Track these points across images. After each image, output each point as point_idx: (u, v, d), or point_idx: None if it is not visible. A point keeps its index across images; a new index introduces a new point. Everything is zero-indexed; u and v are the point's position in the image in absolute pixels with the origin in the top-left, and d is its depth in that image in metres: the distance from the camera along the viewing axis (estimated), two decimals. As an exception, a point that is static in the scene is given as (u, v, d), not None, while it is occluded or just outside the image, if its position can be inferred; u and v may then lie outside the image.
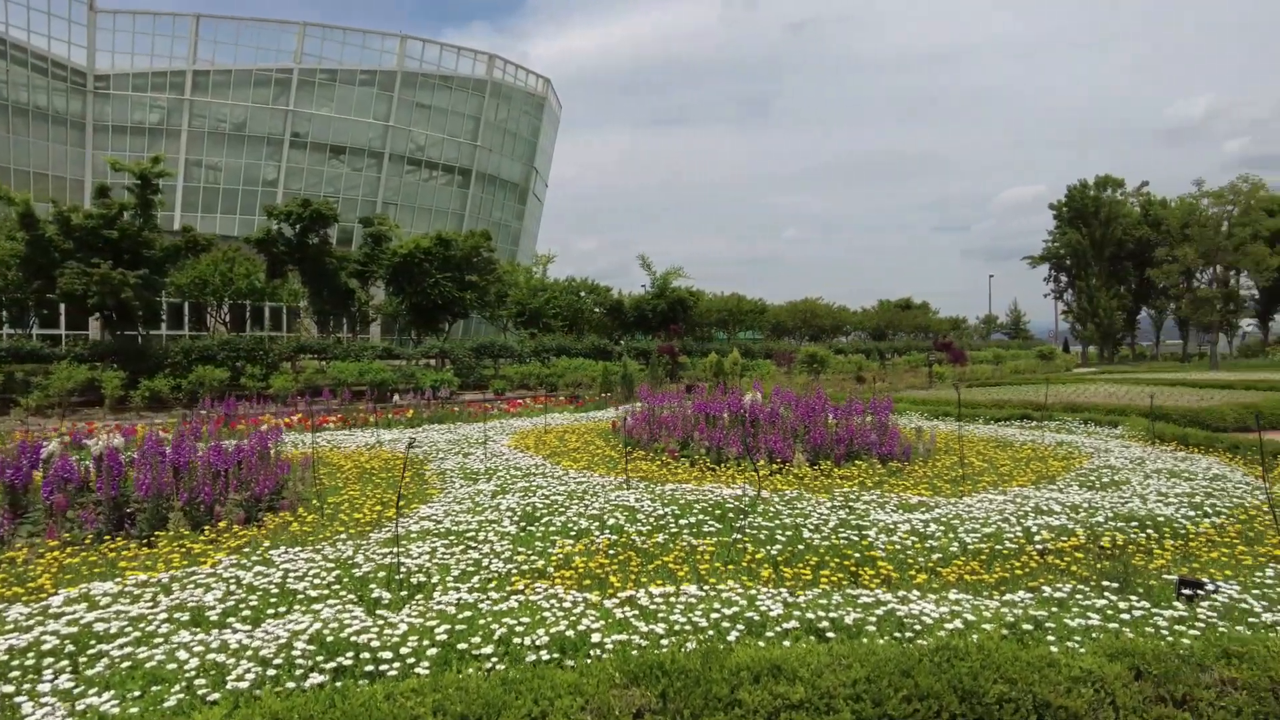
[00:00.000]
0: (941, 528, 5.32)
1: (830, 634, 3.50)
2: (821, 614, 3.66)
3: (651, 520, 5.76)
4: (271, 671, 3.17)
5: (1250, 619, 3.55)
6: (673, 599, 3.95)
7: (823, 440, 8.74)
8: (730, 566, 4.82)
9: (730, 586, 4.18)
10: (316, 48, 52.20)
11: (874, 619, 3.62)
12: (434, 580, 4.57)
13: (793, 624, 3.60)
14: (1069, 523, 5.36)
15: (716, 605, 3.79)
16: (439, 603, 4.05)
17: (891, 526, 5.38)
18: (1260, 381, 22.24)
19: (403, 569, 4.72)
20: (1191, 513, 5.73)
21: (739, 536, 5.33)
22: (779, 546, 5.08)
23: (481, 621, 3.69)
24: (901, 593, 4.01)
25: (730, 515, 5.87)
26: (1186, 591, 3.99)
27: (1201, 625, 3.42)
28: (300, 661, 3.24)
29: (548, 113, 66.30)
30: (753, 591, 4.07)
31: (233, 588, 4.29)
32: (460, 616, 3.77)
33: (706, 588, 4.20)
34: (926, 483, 7.25)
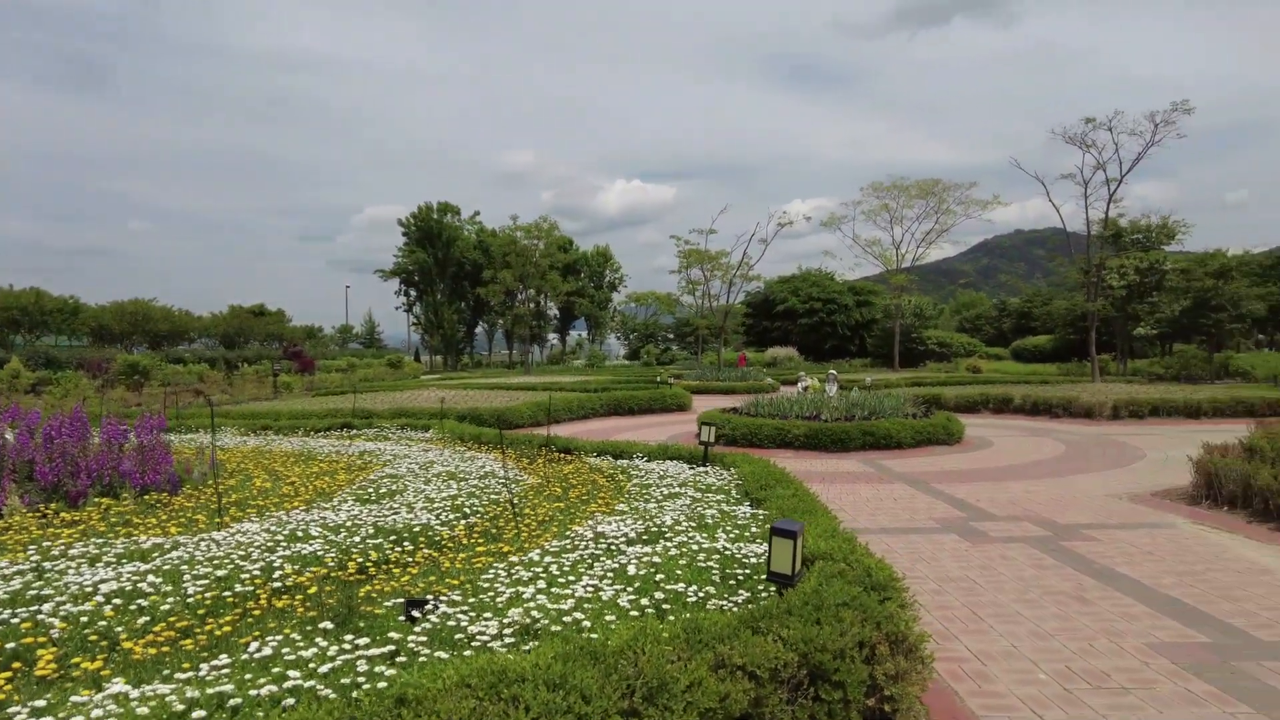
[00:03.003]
0: (164, 578, 4.22)
1: None
2: None
3: None
4: None
5: (457, 635, 3.39)
6: None
7: (59, 474, 6.70)
8: None
9: None
10: None
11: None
12: None
13: None
14: (324, 548, 4.82)
15: None
16: None
17: (92, 590, 4.04)
18: (555, 384, 27.48)
19: None
20: (452, 516, 5.82)
21: None
22: (-125, 657, 3.30)
23: None
24: (38, 702, 2.79)
25: None
26: (415, 613, 3.74)
27: (403, 660, 3.09)
28: None
29: None
30: None
31: None
32: None
33: None
34: (185, 516, 6.00)
